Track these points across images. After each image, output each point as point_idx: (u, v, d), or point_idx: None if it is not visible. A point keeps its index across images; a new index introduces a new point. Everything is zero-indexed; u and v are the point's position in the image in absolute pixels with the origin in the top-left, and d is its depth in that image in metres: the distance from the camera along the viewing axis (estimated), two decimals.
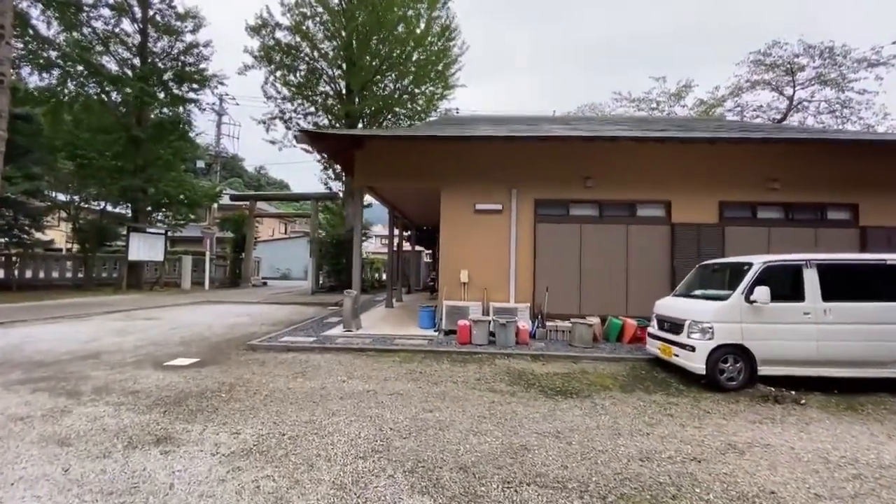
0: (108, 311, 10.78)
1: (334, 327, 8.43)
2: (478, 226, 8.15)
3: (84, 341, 7.01)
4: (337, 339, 7.24)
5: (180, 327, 8.54)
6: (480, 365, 5.90)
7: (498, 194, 8.15)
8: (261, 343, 6.79)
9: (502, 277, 8.08)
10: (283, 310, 11.89)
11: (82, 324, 8.77)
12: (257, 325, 8.98)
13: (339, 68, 18.86)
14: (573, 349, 6.85)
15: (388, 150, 8.33)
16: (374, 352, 6.51)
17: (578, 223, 8.11)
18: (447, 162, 8.24)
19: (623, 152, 8.11)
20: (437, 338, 7.48)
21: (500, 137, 7.72)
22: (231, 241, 21.44)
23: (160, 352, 6.38)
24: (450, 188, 8.20)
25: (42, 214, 17.14)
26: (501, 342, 6.89)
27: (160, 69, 17.96)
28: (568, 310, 7.98)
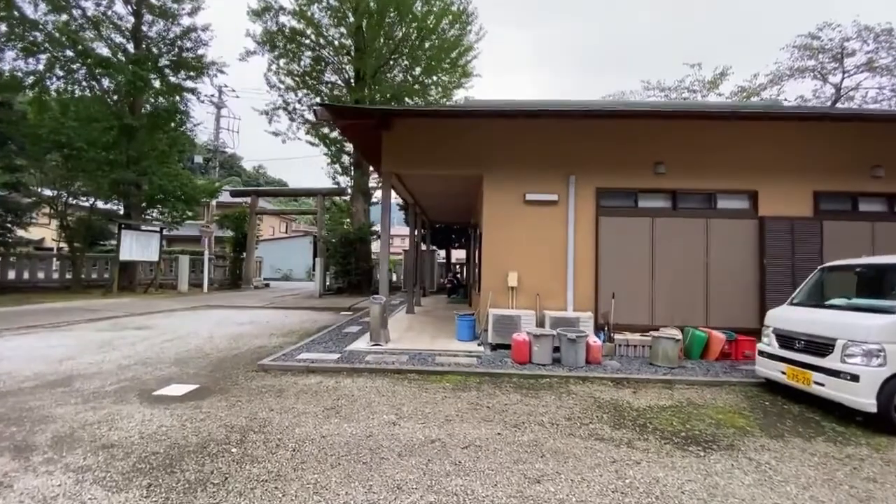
0: (94, 318, 9.47)
1: (357, 339, 7.16)
2: (528, 219, 6.89)
3: (57, 360, 5.71)
4: (366, 355, 5.96)
5: (175, 339, 7.24)
6: (557, 394, 4.64)
7: (552, 182, 6.89)
8: (274, 363, 5.51)
9: (558, 281, 6.82)
10: (292, 316, 10.60)
11: (60, 335, 7.46)
12: (266, 336, 7.69)
13: (347, 54, 17.57)
14: (657, 370, 5.60)
15: (420, 130, 7.06)
16: (416, 374, 5.24)
17: (649, 216, 6.86)
18: (492, 144, 6.98)
19: (699, 134, 6.87)
20: (485, 354, 6.22)
21: (554, 113, 6.48)
22: (231, 241, 20.11)
23: (149, 375, 5.09)
24: (494, 175, 6.94)
25: (26, 210, 15.79)
26: (570, 361, 5.63)
27: (155, 55, 16.63)
28: (637, 319, 6.73)
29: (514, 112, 6.37)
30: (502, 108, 6.29)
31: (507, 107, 7.11)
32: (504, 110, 6.31)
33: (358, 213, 17.56)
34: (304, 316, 10.62)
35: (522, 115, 6.58)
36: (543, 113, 6.50)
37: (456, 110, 6.38)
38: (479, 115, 6.62)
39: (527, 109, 6.32)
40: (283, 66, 18.41)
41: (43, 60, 15.17)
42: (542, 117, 6.70)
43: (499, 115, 6.51)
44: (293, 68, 18.37)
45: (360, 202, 17.61)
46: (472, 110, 6.39)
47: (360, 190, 17.70)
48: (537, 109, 6.39)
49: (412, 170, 7.17)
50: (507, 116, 6.59)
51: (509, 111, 6.34)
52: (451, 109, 6.34)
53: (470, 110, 6.38)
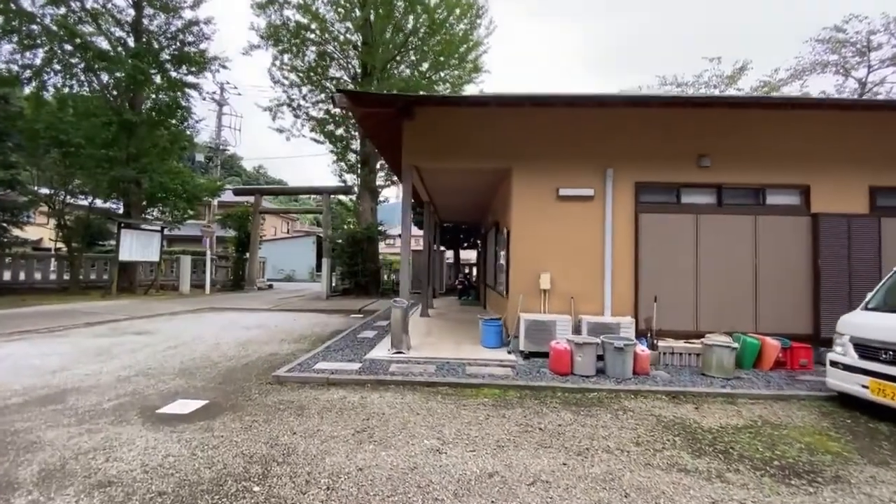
0: (92, 321, 8.93)
1: (376, 346, 6.63)
2: (562, 216, 6.37)
3: (50, 370, 5.18)
4: (389, 365, 5.44)
5: (180, 346, 6.72)
6: (612, 412, 4.12)
7: (588, 175, 6.37)
8: (291, 374, 4.98)
9: (594, 283, 6.30)
10: (301, 319, 10.08)
11: (55, 341, 6.93)
12: (276, 342, 7.16)
13: (354, 48, 17.06)
14: (711, 381, 5.08)
15: (445, 120, 6.54)
16: (448, 387, 4.71)
17: (692, 213, 6.34)
18: (522, 135, 6.46)
19: (746, 124, 6.36)
20: (518, 363, 5.70)
21: (592, 101, 5.95)
22: (234, 240, 19.56)
23: (152, 388, 4.57)
24: (525, 168, 6.42)
25: (22, 209, 15.25)
26: (616, 372, 5.11)
27: (156, 49, 16.09)
28: (680, 325, 6.21)
29: (548, 99, 5.86)
30: (534, 96, 5.77)
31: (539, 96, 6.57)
32: (538, 97, 5.79)
33: (365, 212, 17.03)
34: (313, 319, 10.09)
35: (557, 104, 6.06)
36: (580, 101, 5.98)
37: (485, 98, 5.87)
38: (510, 103, 6.10)
39: (563, 96, 5.80)
40: (287, 62, 17.91)
41: (40, 55, 14.71)
42: (577, 105, 6.18)
43: (532, 104, 5.98)
44: (297, 64, 17.87)
45: (368, 201, 17.09)
46: (502, 98, 5.86)
47: (367, 188, 17.18)
48: (574, 96, 5.86)
49: (435, 163, 6.65)
50: (541, 104, 6.07)
51: (543, 98, 5.82)
52: (481, 97, 5.83)
53: (501, 98, 5.86)
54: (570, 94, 5.79)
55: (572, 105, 6.12)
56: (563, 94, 5.79)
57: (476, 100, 5.92)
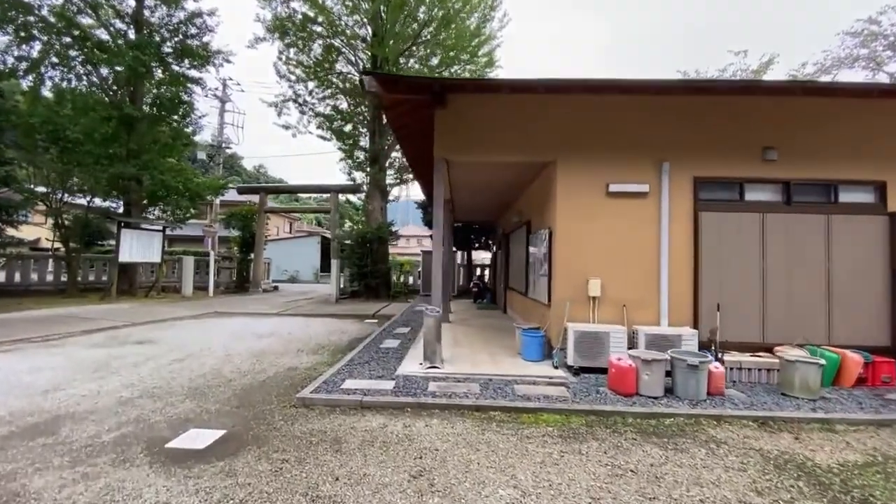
0: (90, 328, 8.29)
1: (404, 359, 6.00)
2: (612, 215, 5.74)
3: (41, 390, 4.54)
4: (426, 383, 4.80)
5: (186, 358, 6.07)
6: (703, 446, 3.49)
7: (641, 170, 5.75)
8: (317, 395, 4.34)
9: (649, 289, 5.67)
10: (314, 325, 9.43)
11: (49, 353, 6.28)
12: (293, 353, 6.52)
13: (363, 41, 16.41)
14: (796, 403, 4.46)
15: (481, 108, 5.91)
16: (501, 412, 4.08)
17: (758, 211, 5.71)
18: (568, 125, 5.84)
19: (815, 113, 5.74)
20: (569, 380, 5.07)
21: (650, 85, 5.31)
22: (238, 240, 18.89)
23: (159, 414, 3.93)
24: (570, 162, 5.79)
25: (17, 208, 14.57)
26: (689, 393, 4.48)
27: (157, 42, 15.43)
28: (744, 336, 5.59)
29: (602, 84, 5.21)
30: (588, 80, 5.14)
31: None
32: (592, 82, 5.15)
33: (374, 212, 16.39)
34: (328, 325, 9.45)
35: (611, 89, 5.42)
36: (636, 87, 5.33)
37: (531, 82, 5.23)
38: (558, 88, 5.44)
39: (618, 81, 5.16)
40: (293, 57, 17.28)
41: (37, 47, 14.06)
42: (632, 92, 5.54)
43: (583, 89, 5.34)
44: (303, 59, 17.22)
45: (377, 199, 16.45)
46: (551, 82, 5.22)
47: (377, 186, 16.54)
48: (631, 82, 5.22)
49: (468, 156, 6.01)
50: (594, 90, 5.42)
51: (597, 83, 5.18)
52: (527, 81, 5.20)
53: (549, 82, 5.22)
54: (627, 80, 5.15)
55: (627, 91, 5.49)
56: (619, 79, 5.16)
57: (520, 84, 5.28)
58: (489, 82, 5.26)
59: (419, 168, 9.40)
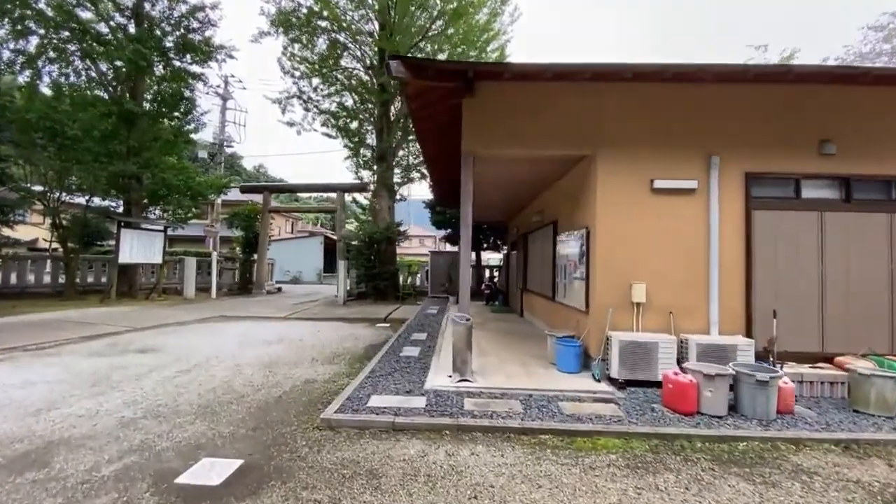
0: (88, 334, 7.82)
1: (430, 370, 5.54)
2: (657, 214, 5.28)
3: (34, 409, 4.07)
4: (459, 399, 4.34)
5: (193, 369, 5.60)
6: (794, 477, 3.03)
7: (688, 164, 5.29)
8: (343, 416, 3.86)
9: (697, 295, 5.21)
10: (325, 330, 8.95)
11: (44, 363, 5.81)
12: (307, 363, 6.05)
13: (370, 36, 15.94)
14: (873, 422, 3.99)
15: (514, 96, 5.45)
16: (552, 436, 3.62)
17: (815, 210, 5.25)
18: (609, 116, 5.38)
19: (876, 102, 5.27)
20: (616, 395, 4.61)
21: (704, 70, 4.82)
22: (241, 241, 18.41)
23: (166, 438, 3.46)
24: (612, 155, 5.33)
25: (14, 207, 14.10)
26: (757, 412, 4.01)
27: (158, 37, 14.94)
28: (801, 345, 5.13)
29: (651, 71, 4.73)
30: (638, 66, 4.66)
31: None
32: (642, 67, 4.68)
33: (382, 211, 15.91)
34: (339, 330, 8.97)
35: (663, 77, 4.92)
36: (689, 73, 4.83)
37: (577, 67, 4.74)
38: (605, 74, 4.90)
39: (672, 66, 4.68)
40: (297, 53, 16.81)
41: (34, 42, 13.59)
42: (683, 80, 5.06)
43: (634, 76, 4.83)
44: (306, 55, 16.75)
45: (385, 199, 15.98)
46: (598, 67, 4.72)
47: (385, 185, 16.06)
48: (685, 66, 4.73)
49: (499, 149, 5.55)
50: (642, 78, 4.92)
51: (648, 69, 4.70)
52: (572, 66, 4.73)
53: (596, 67, 4.71)
54: (679, 64, 4.68)
55: (678, 79, 5.00)
56: (671, 63, 4.68)
57: (565, 70, 4.78)
58: (531, 67, 4.77)
59: (438, 165, 8.96)
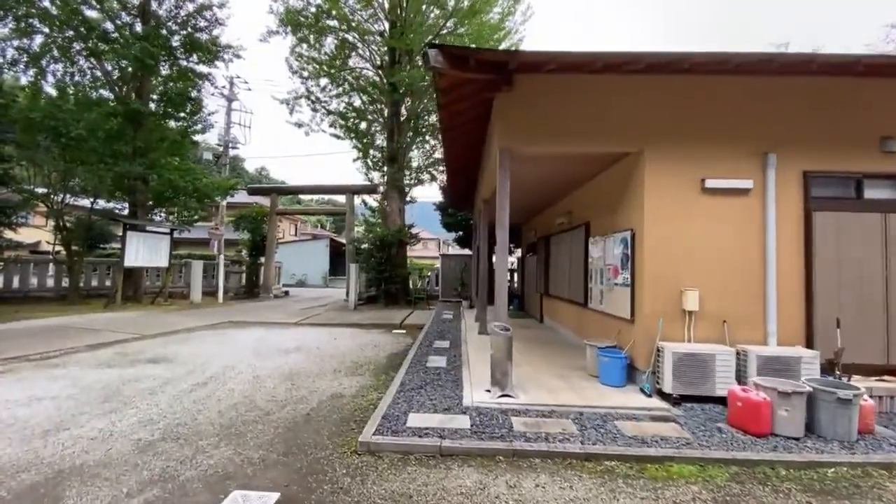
0: (95, 342, 7.45)
1: (464, 382, 5.17)
2: (709, 215, 4.92)
3: (42, 430, 3.69)
4: (505, 418, 3.96)
5: (209, 381, 5.23)
6: None
7: (742, 162, 4.93)
8: (383, 438, 3.49)
9: (753, 303, 4.84)
10: (341, 337, 8.57)
11: (50, 375, 5.44)
12: (330, 374, 5.68)
13: (380, 35, 15.65)
14: None
15: (555, 90, 5.11)
16: (619, 463, 3.24)
17: (879, 211, 4.89)
18: (657, 110, 5.03)
19: None
20: (673, 412, 4.24)
21: (751, 58, 4.46)
22: (248, 243, 18.06)
23: (189, 466, 3.09)
24: (661, 152, 4.97)
25: (16, 208, 13.78)
26: (837, 432, 3.63)
27: (164, 36, 14.64)
28: (864, 357, 4.75)
29: (712, 61, 4.35)
30: (698, 54, 4.29)
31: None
32: (699, 56, 4.32)
33: (392, 213, 15.57)
34: (356, 337, 8.60)
35: (719, 69, 4.55)
36: (749, 65, 4.45)
37: (630, 56, 4.38)
38: (661, 64, 4.48)
39: (735, 56, 4.30)
40: (305, 53, 16.52)
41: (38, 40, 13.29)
42: (740, 74, 4.69)
43: (695, 65, 4.43)
44: (314, 55, 16.46)
45: (396, 200, 15.63)
46: (655, 57, 4.35)
47: (395, 187, 15.73)
48: (747, 56, 4.35)
49: (537, 146, 5.19)
50: (700, 69, 4.53)
51: (706, 59, 4.34)
52: (624, 55, 4.39)
53: (653, 57, 4.34)
54: (743, 54, 4.29)
55: (739, 71, 4.62)
56: (734, 52, 4.31)
57: (616, 59, 4.40)
58: (579, 57, 4.41)
59: (457, 165, 8.62)
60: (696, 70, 4.62)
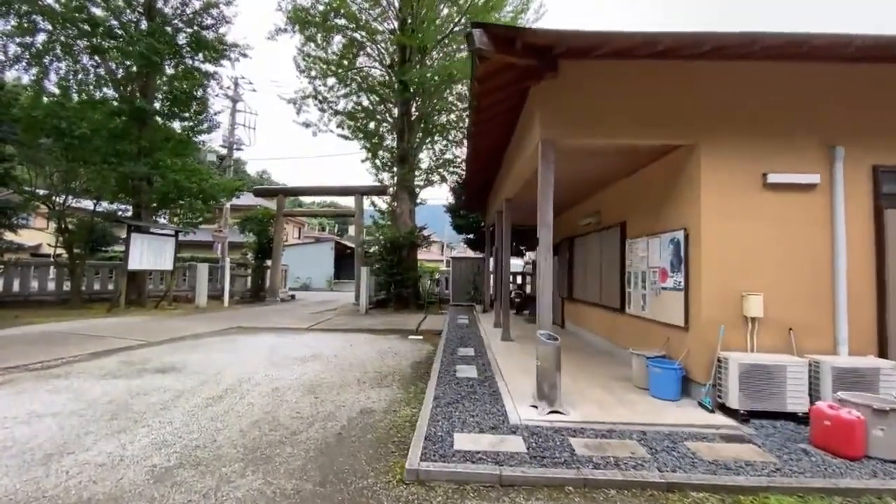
0: (99, 349, 7.03)
1: (500, 394, 4.77)
2: (771, 213, 4.52)
3: (43, 454, 3.27)
4: (564, 440, 3.54)
5: (225, 395, 4.80)
6: None
7: (807, 156, 4.54)
8: (433, 466, 3.06)
9: (820, 308, 4.43)
10: (357, 344, 8.14)
11: (51, 388, 5.01)
12: (354, 386, 5.25)
13: (391, 33, 15.31)
14: None
15: (601, 76, 4.72)
16: (709, 495, 2.82)
17: None
18: (713, 99, 4.64)
19: None
20: (744, 430, 3.82)
21: (837, 41, 4.06)
22: (254, 246, 17.64)
23: (213, 500, 2.66)
24: (716, 145, 4.58)
25: (17, 210, 13.40)
26: None
27: (170, 34, 14.28)
28: None
29: (783, 43, 3.93)
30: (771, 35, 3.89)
31: None
32: (768, 38, 3.91)
33: (403, 215, 15.16)
34: (372, 344, 8.17)
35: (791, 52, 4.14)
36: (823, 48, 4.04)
37: (693, 37, 3.96)
38: (728, 48, 4.02)
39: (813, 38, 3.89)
40: (312, 53, 16.18)
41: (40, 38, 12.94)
42: (811, 59, 4.29)
43: (759, 51, 4.01)
44: (320, 54, 16.11)
45: (406, 202, 15.24)
46: (720, 38, 3.93)
47: (406, 188, 15.34)
48: (824, 38, 3.93)
49: (582, 138, 4.79)
50: (770, 52, 4.09)
51: (777, 40, 3.93)
52: (686, 36, 3.97)
53: (717, 38, 3.93)
54: (822, 35, 3.87)
55: (812, 56, 4.21)
56: (810, 33, 3.89)
57: (679, 40, 3.97)
58: (637, 38, 3.92)
59: (478, 163, 8.23)
60: (765, 54, 4.22)
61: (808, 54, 4.23)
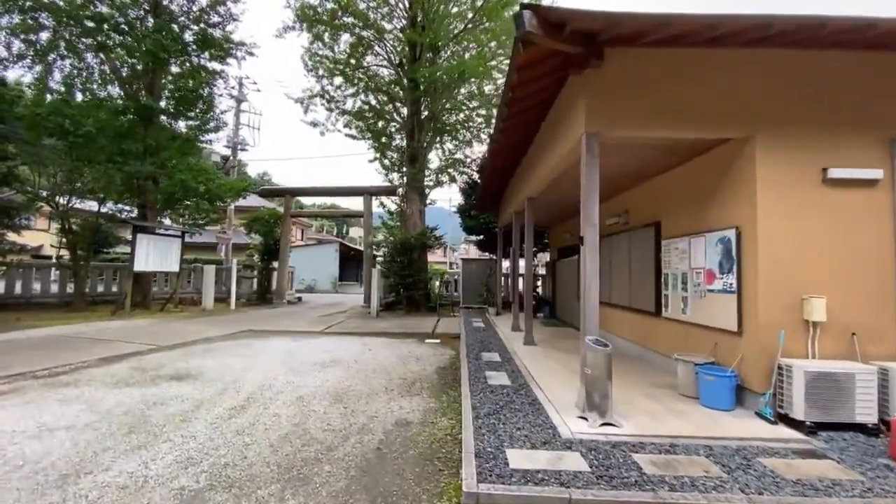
0: (108, 354, 6.73)
1: (541, 404, 4.47)
2: (830, 210, 4.24)
3: (58, 474, 2.97)
4: (626, 457, 3.25)
5: (248, 404, 4.50)
6: None
7: (867, 149, 4.27)
8: (494, 489, 2.76)
9: (884, 310, 4.15)
10: (376, 348, 7.83)
11: (61, 398, 4.70)
12: (382, 393, 4.95)
13: (402, 31, 15.07)
14: None
15: (648, 65, 4.44)
16: None
17: None
18: (767, 90, 4.36)
19: None
20: (815, 444, 3.52)
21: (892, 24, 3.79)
22: (260, 247, 17.35)
23: None
24: (774, 138, 4.30)
25: (19, 210, 13.10)
26: None
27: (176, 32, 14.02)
28: None
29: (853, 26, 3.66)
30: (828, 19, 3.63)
31: None
32: (837, 22, 3.64)
33: (413, 216, 14.88)
34: (390, 348, 7.87)
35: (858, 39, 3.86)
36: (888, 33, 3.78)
37: (755, 21, 3.68)
38: (790, 33, 3.71)
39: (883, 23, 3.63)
40: (319, 53, 15.93)
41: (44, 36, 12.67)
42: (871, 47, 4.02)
43: (826, 35, 3.72)
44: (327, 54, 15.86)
45: (416, 203, 14.95)
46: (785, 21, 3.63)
47: (415, 188, 15.06)
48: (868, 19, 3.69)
49: (628, 130, 4.51)
50: (841, 37, 3.80)
51: (846, 25, 3.65)
52: (747, 20, 3.69)
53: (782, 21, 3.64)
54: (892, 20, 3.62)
55: (871, 44, 3.94)
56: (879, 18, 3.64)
57: (739, 24, 3.69)
58: (694, 22, 3.63)
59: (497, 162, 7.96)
60: (833, 40, 3.95)
61: (873, 39, 3.95)
